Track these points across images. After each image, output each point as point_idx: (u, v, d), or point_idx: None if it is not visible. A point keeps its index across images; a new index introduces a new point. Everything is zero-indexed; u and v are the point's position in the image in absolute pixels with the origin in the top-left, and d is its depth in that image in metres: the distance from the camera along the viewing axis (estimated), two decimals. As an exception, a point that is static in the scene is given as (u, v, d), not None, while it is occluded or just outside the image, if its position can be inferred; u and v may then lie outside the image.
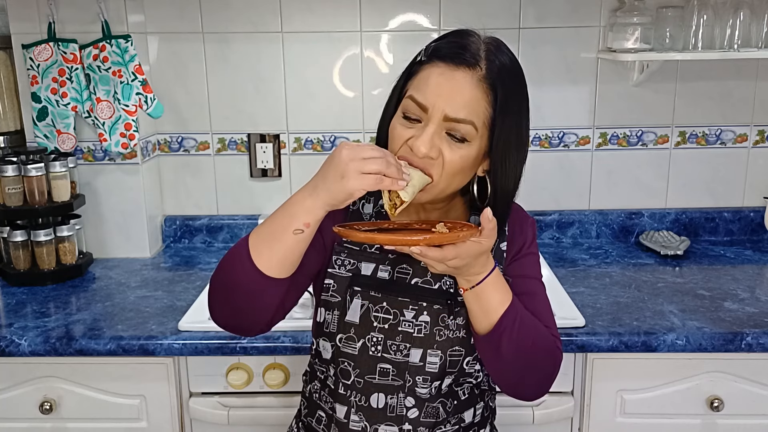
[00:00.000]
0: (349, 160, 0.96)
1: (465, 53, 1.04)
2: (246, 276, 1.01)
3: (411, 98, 1.05)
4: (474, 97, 1.03)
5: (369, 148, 0.98)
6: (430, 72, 1.05)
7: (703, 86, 2.03)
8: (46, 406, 1.53)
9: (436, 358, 1.13)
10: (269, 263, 1.00)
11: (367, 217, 1.19)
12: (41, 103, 1.86)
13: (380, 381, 1.14)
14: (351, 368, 1.15)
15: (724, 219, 2.09)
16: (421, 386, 1.14)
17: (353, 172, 0.96)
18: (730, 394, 1.52)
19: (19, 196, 1.80)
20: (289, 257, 1.01)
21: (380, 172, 0.96)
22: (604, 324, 1.51)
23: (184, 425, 1.58)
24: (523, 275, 1.17)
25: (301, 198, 1.00)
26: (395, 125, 1.08)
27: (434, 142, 1.04)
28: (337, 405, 1.17)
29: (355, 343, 1.14)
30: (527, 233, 1.21)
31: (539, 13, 1.99)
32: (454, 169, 1.06)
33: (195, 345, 1.47)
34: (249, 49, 2.02)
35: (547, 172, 2.10)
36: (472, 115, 1.03)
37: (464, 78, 1.03)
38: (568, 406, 1.54)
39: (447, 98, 1.03)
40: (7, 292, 1.76)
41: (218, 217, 2.13)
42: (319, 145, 2.08)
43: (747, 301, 1.63)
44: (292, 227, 0.99)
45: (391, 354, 1.13)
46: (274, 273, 1.01)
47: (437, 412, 1.16)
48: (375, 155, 0.97)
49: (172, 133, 2.08)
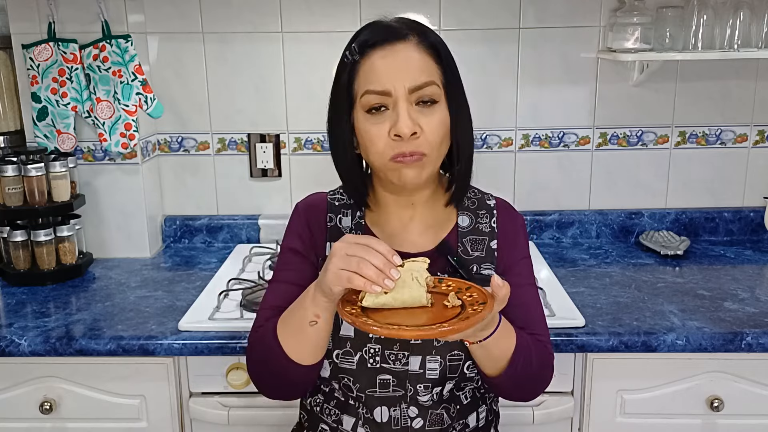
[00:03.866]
0: (340, 242, 0.97)
1: (391, 32, 1.07)
2: (285, 367, 1.08)
3: (369, 92, 1.06)
4: (422, 60, 1.07)
5: (358, 245, 0.96)
6: (371, 61, 1.06)
7: (703, 86, 2.03)
8: (46, 406, 1.53)
9: (436, 364, 1.12)
10: (300, 355, 1.07)
11: (347, 230, 1.18)
12: (41, 103, 1.86)
13: (381, 393, 1.13)
14: (351, 383, 1.14)
15: (724, 219, 2.09)
16: (423, 394, 1.13)
17: (333, 266, 0.96)
18: (730, 394, 1.52)
19: (19, 196, 1.80)
20: (316, 345, 1.07)
21: (364, 256, 0.94)
22: (604, 324, 1.51)
23: (184, 425, 1.58)
24: (518, 284, 1.15)
25: (310, 288, 1.03)
26: (367, 128, 1.07)
27: (412, 117, 1.05)
28: (345, 416, 1.17)
29: (352, 357, 1.13)
30: (519, 233, 1.21)
31: (539, 13, 1.99)
32: (438, 137, 1.08)
33: (195, 345, 1.47)
34: (249, 49, 2.02)
35: (547, 172, 2.10)
36: (431, 76, 1.06)
37: (405, 49, 1.06)
38: (568, 406, 1.54)
39: (401, 73, 1.05)
40: (7, 292, 1.76)
41: (218, 217, 2.13)
42: (319, 145, 2.08)
43: (747, 301, 1.63)
44: (307, 320, 1.03)
45: (390, 363, 1.12)
46: (307, 361, 1.08)
47: (441, 418, 1.15)
48: (365, 242, 0.96)
49: (172, 133, 2.08)
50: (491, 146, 2.07)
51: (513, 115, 2.06)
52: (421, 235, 1.18)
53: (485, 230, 1.19)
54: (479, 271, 1.16)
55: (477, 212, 1.20)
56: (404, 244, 1.17)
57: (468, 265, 1.16)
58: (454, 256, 1.16)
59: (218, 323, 1.52)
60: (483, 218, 1.20)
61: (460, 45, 1.96)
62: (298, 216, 1.22)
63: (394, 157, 1.06)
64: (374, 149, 1.07)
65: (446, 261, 1.16)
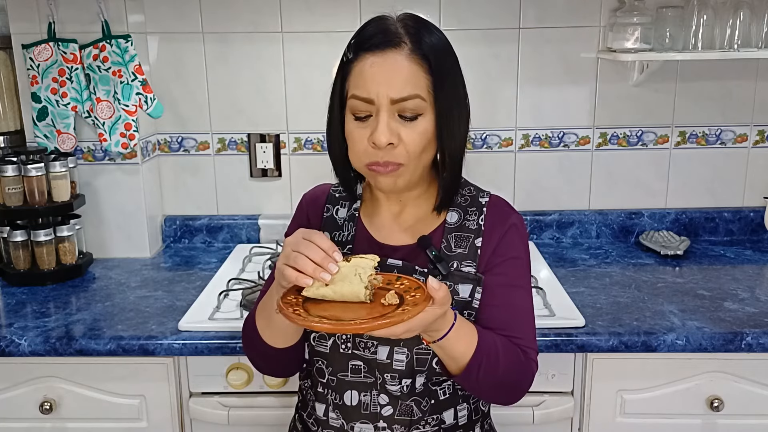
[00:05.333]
0: (291, 236, 1.03)
1: (386, 36, 1.07)
2: (266, 350, 1.16)
3: (354, 97, 1.07)
4: (411, 71, 1.06)
5: (302, 241, 1.01)
6: (362, 65, 1.07)
7: (703, 86, 2.03)
8: (46, 406, 1.53)
9: (403, 356, 1.13)
10: (274, 340, 1.14)
11: (341, 221, 1.21)
12: (41, 103, 1.86)
13: (353, 378, 1.15)
14: (324, 366, 1.17)
15: (724, 219, 2.09)
16: (391, 383, 1.14)
17: (285, 246, 1.03)
18: (730, 394, 1.52)
19: (19, 196, 1.80)
20: (285, 331, 1.13)
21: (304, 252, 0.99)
22: (604, 324, 1.51)
23: (184, 425, 1.58)
24: (501, 284, 1.15)
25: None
26: (351, 130, 1.10)
27: (391, 128, 1.06)
28: (317, 403, 1.19)
29: (326, 341, 1.15)
30: (509, 232, 1.17)
31: (539, 13, 1.99)
32: (418, 147, 1.08)
33: (195, 345, 1.47)
34: (249, 49, 2.02)
35: (547, 172, 2.10)
36: (416, 89, 1.06)
37: (395, 58, 1.05)
38: (568, 406, 1.54)
39: (387, 83, 1.05)
40: (7, 292, 1.76)
41: (218, 217, 2.13)
42: (319, 145, 2.08)
43: (747, 301, 1.63)
44: (274, 308, 1.06)
45: (360, 350, 1.14)
46: (280, 345, 1.15)
47: (411, 410, 1.15)
48: (309, 237, 1.01)
49: (172, 133, 2.08)
50: (491, 146, 2.07)
51: (513, 115, 2.06)
52: (407, 230, 1.19)
53: (471, 227, 1.17)
54: (459, 267, 1.15)
55: (467, 209, 1.19)
56: (391, 236, 1.19)
57: (449, 261, 1.15)
58: (434, 250, 1.15)
59: (218, 323, 1.52)
60: (471, 215, 1.18)
61: (460, 45, 1.92)
62: (301, 207, 1.26)
63: (368, 164, 1.09)
64: (355, 152, 1.10)
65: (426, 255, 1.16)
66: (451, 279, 1.14)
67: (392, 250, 1.18)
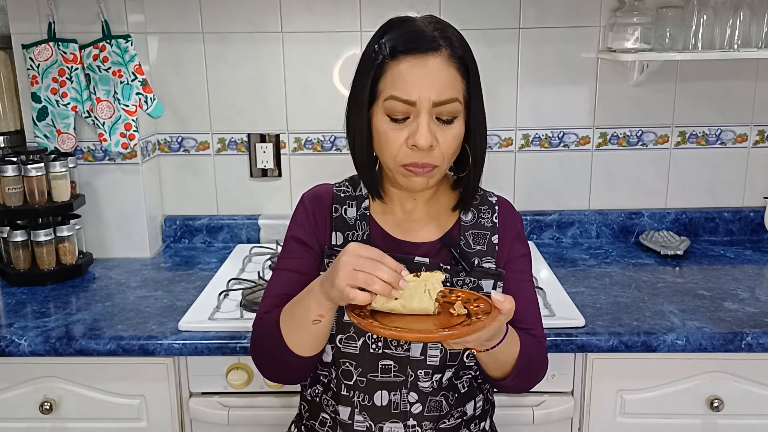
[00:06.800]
0: (346, 254, 0.98)
1: (424, 39, 1.07)
2: (285, 357, 1.11)
3: (394, 98, 1.07)
4: (451, 76, 1.07)
5: (367, 260, 0.98)
6: (400, 67, 1.07)
7: (703, 86, 2.03)
8: (46, 406, 1.53)
9: (437, 351, 1.15)
10: (302, 348, 1.10)
11: (352, 221, 1.21)
12: (41, 103, 1.86)
13: (383, 378, 1.16)
14: (353, 368, 1.16)
15: (724, 219, 2.09)
16: (423, 380, 1.16)
17: (345, 265, 0.97)
18: (730, 394, 1.52)
19: (19, 196, 1.80)
20: (317, 338, 1.10)
21: (372, 272, 0.97)
22: (604, 324, 1.51)
23: (184, 425, 1.58)
24: (518, 279, 1.21)
25: (314, 289, 1.05)
26: (386, 130, 1.09)
27: (431, 130, 1.07)
28: (340, 407, 1.18)
29: (355, 342, 1.15)
30: (520, 231, 1.25)
31: (539, 13, 1.99)
32: (452, 150, 1.11)
33: (195, 345, 1.47)
34: (249, 49, 2.02)
35: (547, 172, 2.10)
36: (455, 92, 1.08)
37: (435, 62, 1.06)
38: (568, 406, 1.54)
39: (429, 86, 1.06)
40: (7, 292, 1.76)
41: (218, 217, 2.13)
42: (319, 145, 2.08)
43: (747, 301, 1.63)
44: (310, 318, 1.05)
45: (392, 349, 1.15)
46: (308, 353, 1.11)
47: (440, 405, 1.18)
48: (371, 255, 0.98)
49: (172, 133, 2.08)
50: (491, 146, 2.07)
51: (513, 115, 2.06)
52: (425, 227, 1.21)
53: (487, 225, 1.21)
54: (480, 264, 1.19)
55: (479, 207, 1.23)
56: (409, 233, 1.20)
57: (470, 258, 1.18)
58: (457, 248, 1.19)
59: (218, 323, 1.52)
60: (485, 213, 1.22)
61: (460, 45, 1.96)
62: (303, 206, 1.25)
63: (407, 165, 1.10)
64: (389, 152, 1.10)
65: (449, 253, 1.19)
66: (474, 275, 1.17)
67: (412, 247, 1.19)
